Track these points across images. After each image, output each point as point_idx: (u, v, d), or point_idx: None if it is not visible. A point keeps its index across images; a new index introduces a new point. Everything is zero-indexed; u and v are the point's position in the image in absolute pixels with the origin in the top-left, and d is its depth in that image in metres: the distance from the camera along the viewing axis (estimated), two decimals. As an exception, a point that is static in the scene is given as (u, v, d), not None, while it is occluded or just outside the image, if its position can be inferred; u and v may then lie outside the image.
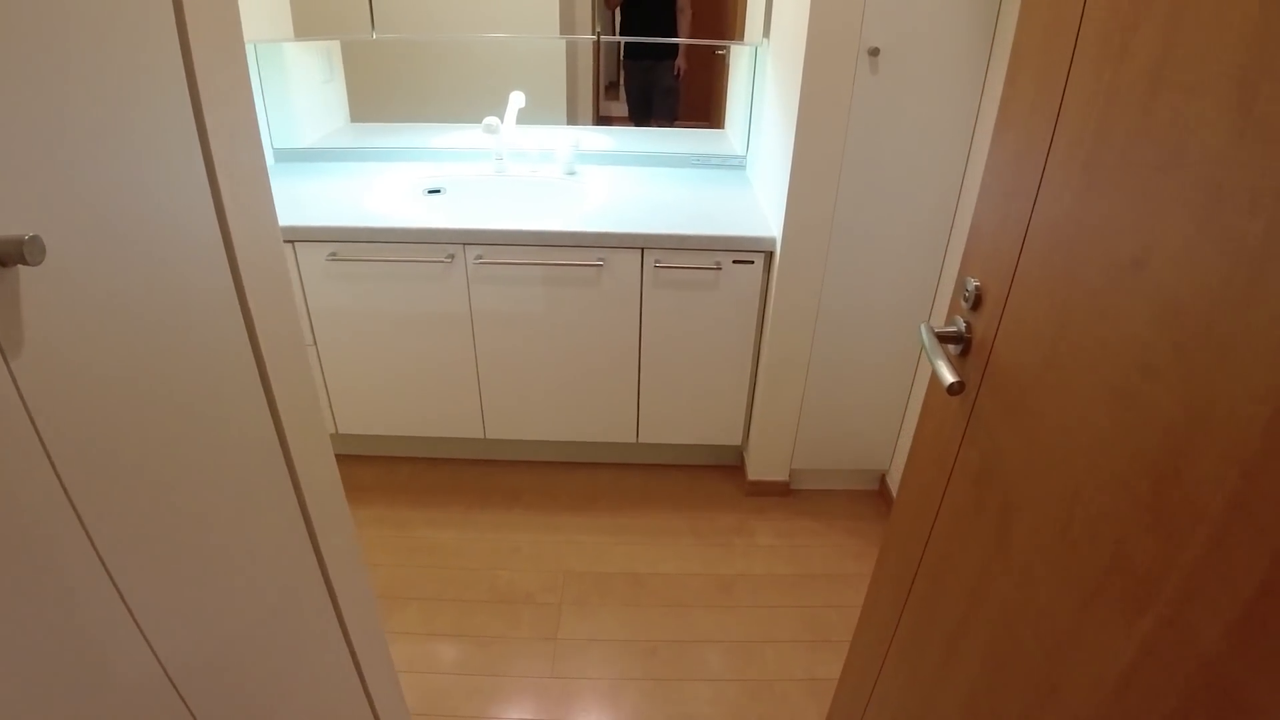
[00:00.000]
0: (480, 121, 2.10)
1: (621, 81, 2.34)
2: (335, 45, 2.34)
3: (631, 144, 2.27)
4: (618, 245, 1.76)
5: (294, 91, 2.26)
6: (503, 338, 1.96)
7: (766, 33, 1.87)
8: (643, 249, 1.80)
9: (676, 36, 2.21)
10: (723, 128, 2.36)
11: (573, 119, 2.32)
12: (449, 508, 2.07)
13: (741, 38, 2.05)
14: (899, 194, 1.64)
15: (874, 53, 1.48)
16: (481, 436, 2.12)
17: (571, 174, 2.16)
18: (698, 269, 1.78)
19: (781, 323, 1.80)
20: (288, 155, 2.32)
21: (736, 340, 1.90)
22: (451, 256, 1.85)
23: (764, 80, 1.95)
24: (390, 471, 2.20)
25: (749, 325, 1.87)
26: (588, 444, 2.19)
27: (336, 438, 2.25)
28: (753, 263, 1.78)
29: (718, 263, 1.78)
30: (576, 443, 2.17)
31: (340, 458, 0.98)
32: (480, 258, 1.84)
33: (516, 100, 2.17)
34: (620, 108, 2.38)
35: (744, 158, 2.21)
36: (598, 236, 1.74)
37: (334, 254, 1.88)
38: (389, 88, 2.31)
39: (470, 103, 2.20)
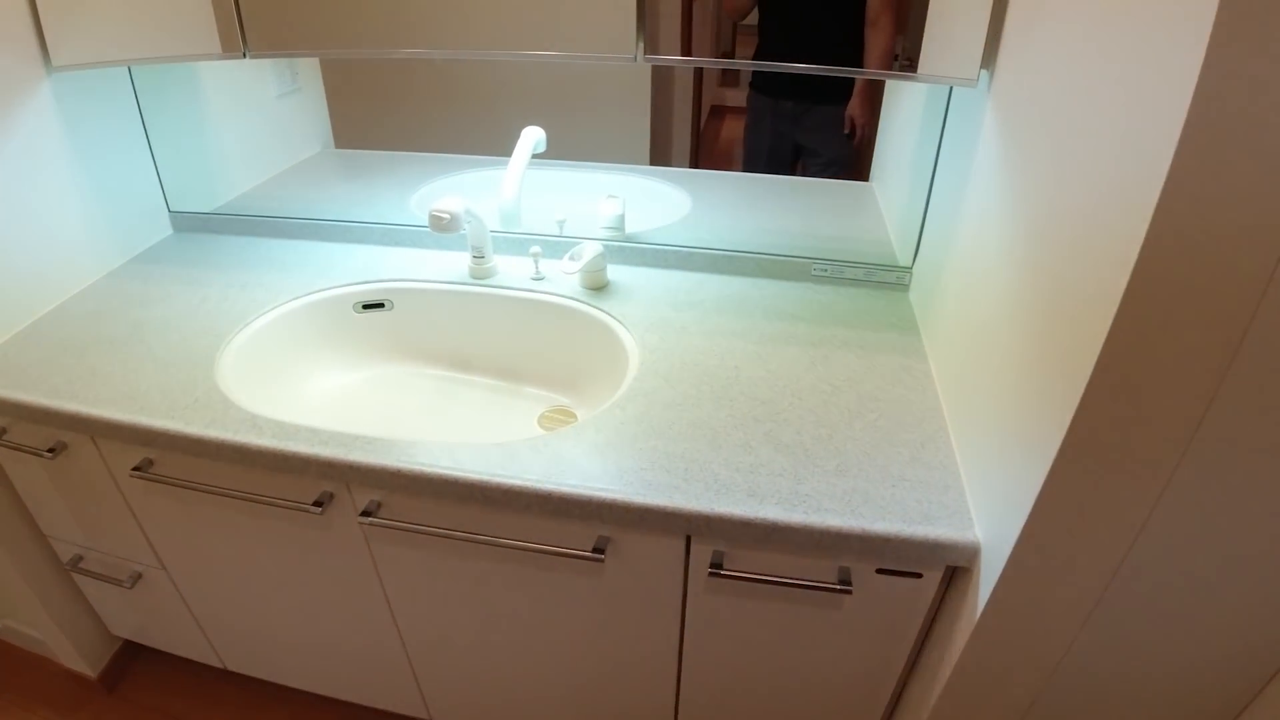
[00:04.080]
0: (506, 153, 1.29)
1: (751, 131, 1.30)
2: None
3: (709, 222, 1.35)
4: (635, 525, 0.89)
5: (220, 117, 1.48)
6: (436, 622, 1.15)
7: (989, 62, 0.90)
8: (687, 538, 0.92)
9: (856, 64, 1.01)
10: (865, 179, 1.38)
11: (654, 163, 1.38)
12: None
13: (920, 67, 1.05)
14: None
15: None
16: (428, 716, 1.35)
17: (598, 290, 1.28)
18: (797, 585, 0.89)
19: (970, 688, 0.88)
20: (192, 223, 1.55)
21: (862, 677, 1.01)
22: (321, 505, 1.03)
23: (967, 140, 0.99)
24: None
25: (893, 656, 0.97)
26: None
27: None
28: (919, 576, 0.87)
29: (842, 575, 0.89)
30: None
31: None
32: (373, 513, 1.02)
33: (530, 141, 1.30)
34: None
35: (908, 271, 1.25)
36: (596, 507, 0.88)
37: (140, 466, 1.10)
38: (383, 105, 1.45)
39: (496, 128, 1.34)
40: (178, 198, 1.54)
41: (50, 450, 1.12)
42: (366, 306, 1.35)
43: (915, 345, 1.11)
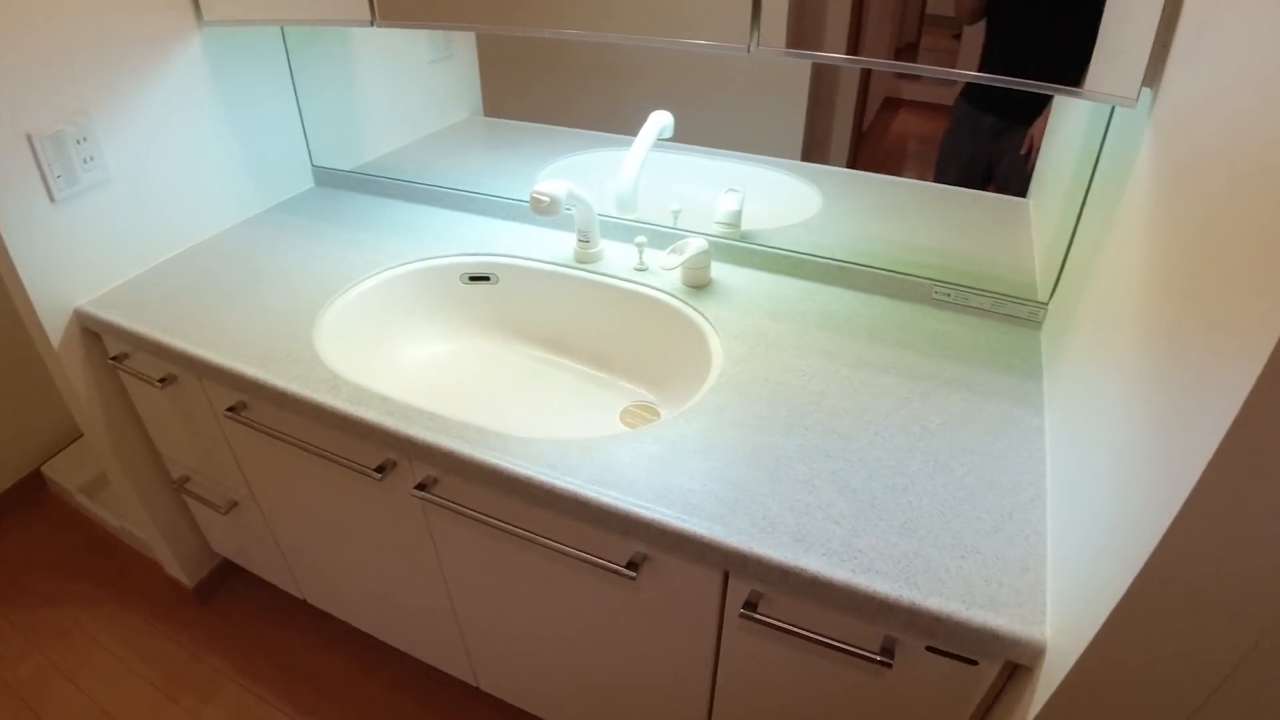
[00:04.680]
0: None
1: (949, 142, 1.15)
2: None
3: (834, 227, 1.24)
4: (671, 549, 0.84)
5: (370, 79, 1.54)
6: (485, 597, 1.15)
7: (1153, 79, 0.75)
8: (725, 574, 0.86)
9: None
10: (1023, 196, 1.22)
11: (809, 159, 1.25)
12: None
13: (1082, 83, 0.88)
14: None
15: None
16: (474, 684, 1.37)
17: (699, 288, 1.22)
18: (833, 646, 0.81)
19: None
20: (332, 179, 1.63)
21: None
22: (383, 471, 1.05)
23: (1121, 170, 0.84)
24: (365, 674, 1.54)
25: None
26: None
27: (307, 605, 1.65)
28: (974, 663, 0.77)
29: (886, 644, 0.80)
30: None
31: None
32: (428, 487, 1.02)
33: (655, 125, 1.26)
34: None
35: (1042, 307, 1.10)
36: (632, 523, 0.83)
37: (234, 408, 1.17)
38: (533, 77, 1.45)
39: (642, 109, 1.29)
40: (321, 154, 1.62)
41: (162, 380, 1.21)
42: (473, 278, 1.37)
43: (1034, 394, 0.97)
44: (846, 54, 0.93)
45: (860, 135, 1.21)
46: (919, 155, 1.17)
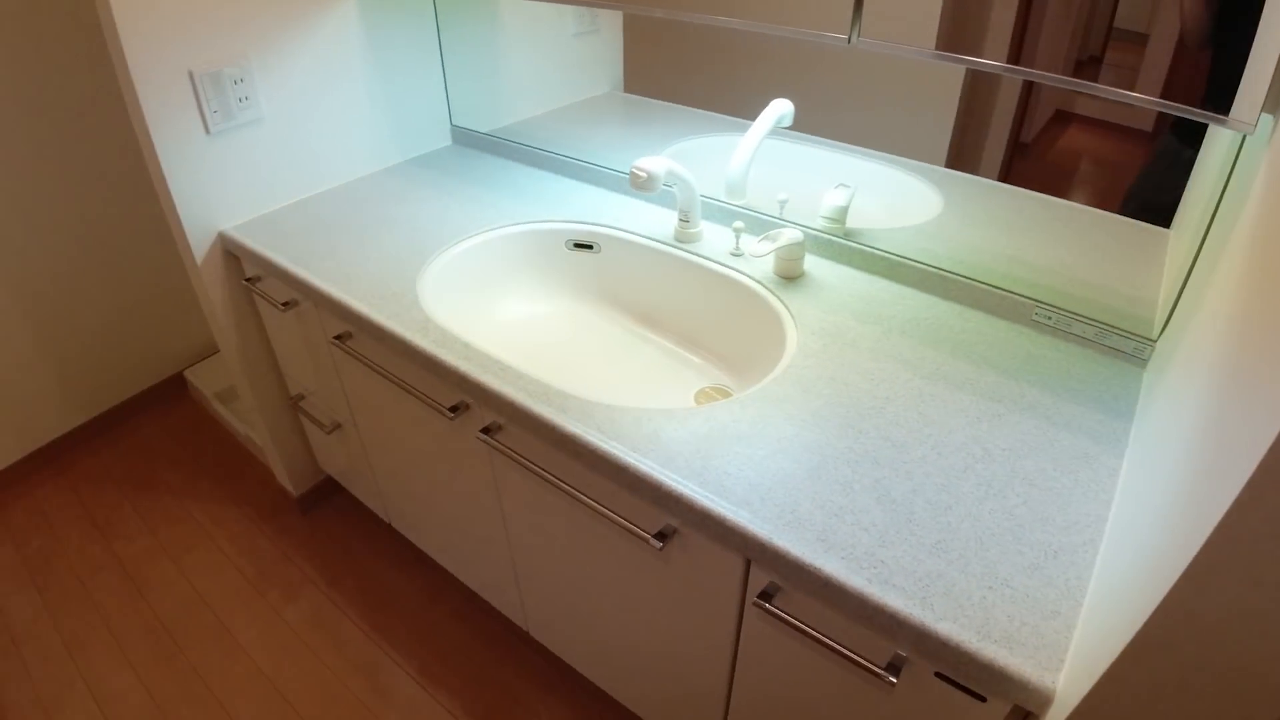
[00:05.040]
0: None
1: (1153, 176, 1.00)
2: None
3: (946, 235, 1.19)
4: (697, 526, 0.85)
5: (514, 46, 1.62)
6: (538, 545, 1.21)
7: (1276, 106, 0.68)
8: (746, 561, 0.86)
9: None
10: (1166, 227, 1.11)
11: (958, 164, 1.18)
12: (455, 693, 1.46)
13: (1227, 111, 0.78)
14: None
15: None
16: (524, 628, 1.44)
17: (791, 280, 1.21)
18: (839, 651, 0.79)
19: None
20: (469, 139, 1.73)
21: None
22: (456, 411, 1.11)
23: (1242, 197, 0.76)
24: (431, 601, 1.65)
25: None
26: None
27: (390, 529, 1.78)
28: (982, 700, 0.73)
29: (894, 661, 0.78)
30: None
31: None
32: (492, 432, 1.08)
33: (774, 114, 1.26)
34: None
35: (1150, 344, 1.01)
36: (663, 494, 0.85)
37: (340, 336, 1.27)
38: (675, 56, 1.47)
39: (777, 96, 1.28)
40: (461, 114, 1.71)
41: (285, 304, 1.33)
42: (577, 245, 1.42)
43: (1118, 434, 0.91)
44: (1008, 62, 0.89)
45: (1018, 147, 1.14)
46: (1091, 178, 1.07)
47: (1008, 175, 1.12)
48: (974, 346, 1.06)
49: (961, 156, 1.14)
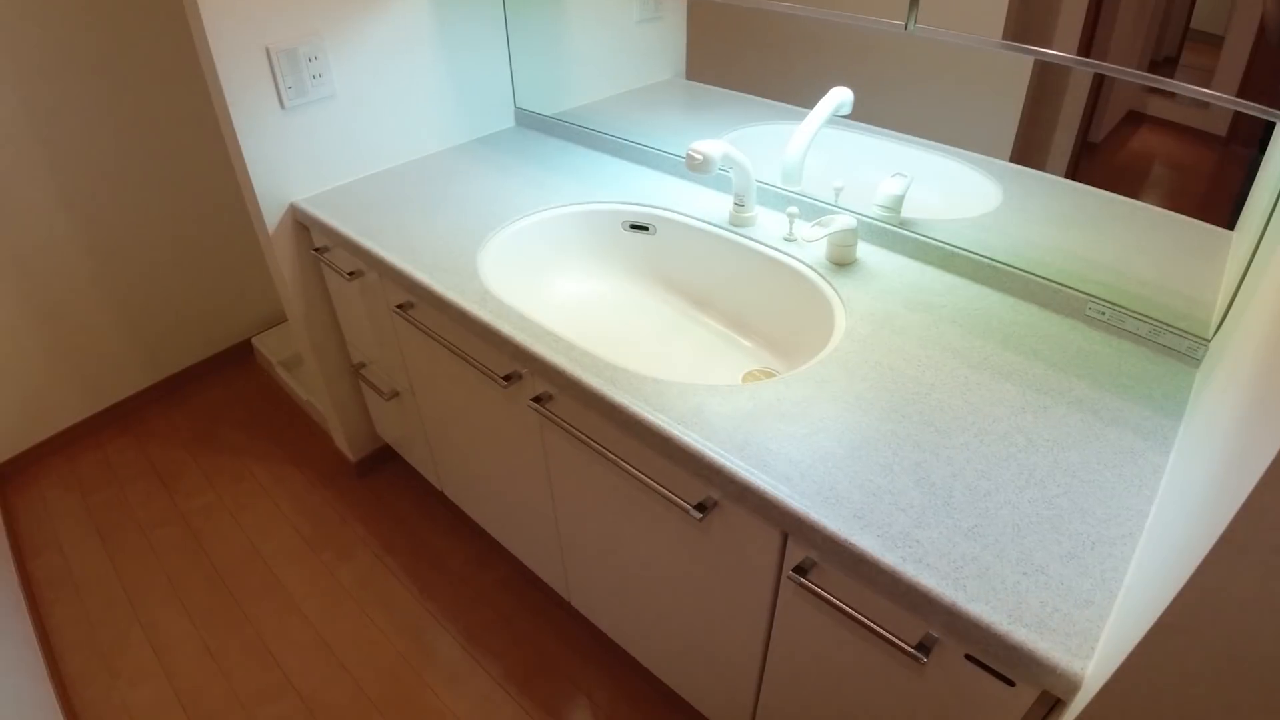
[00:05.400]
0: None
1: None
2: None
3: (1001, 228, 1.18)
4: (736, 499, 0.88)
5: (578, 31, 1.65)
6: (583, 514, 1.25)
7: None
8: (784, 535, 0.88)
9: None
10: (1229, 229, 1.08)
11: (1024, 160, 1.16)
12: (487, 661, 1.51)
13: None
14: None
15: None
16: (566, 598, 1.48)
17: (843, 266, 1.22)
18: (871, 629, 0.81)
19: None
20: (532, 121, 1.77)
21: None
22: (509, 380, 1.16)
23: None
24: (479, 568, 1.71)
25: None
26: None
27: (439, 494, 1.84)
28: (1011, 684, 0.74)
29: (924, 641, 0.79)
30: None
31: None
32: (543, 402, 1.12)
33: (832, 101, 1.27)
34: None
35: (1203, 343, 0.99)
36: (703, 465, 0.88)
37: (402, 306, 1.33)
38: (738, 45, 1.47)
39: (835, 85, 1.28)
40: (525, 97, 1.75)
41: (351, 274, 1.40)
42: (634, 226, 1.44)
43: (1166, 431, 0.90)
44: (1078, 55, 0.88)
45: (1086, 146, 1.11)
46: (1163, 181, 1.05)
47: (1074, 174, 1.11)
48: (1024, 339, 1.06)
49: (1027, 152, 1.13)
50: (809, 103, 1.29)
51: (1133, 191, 1.06)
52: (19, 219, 1.82)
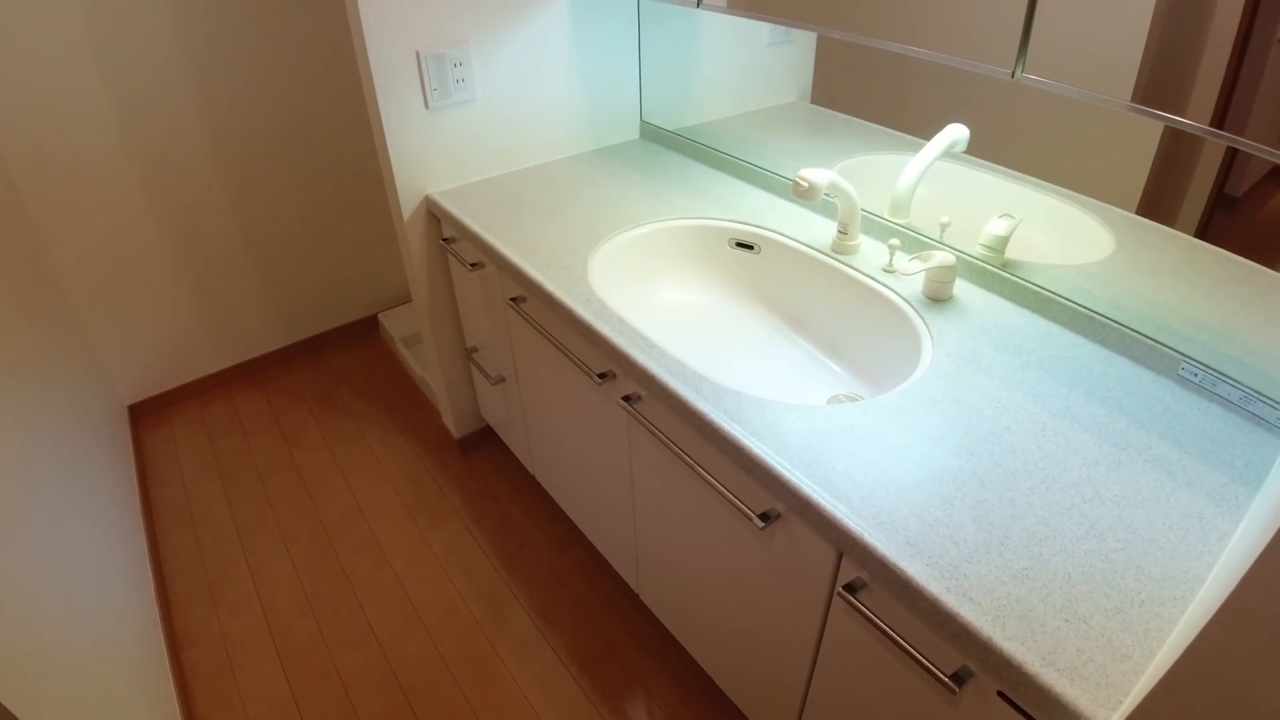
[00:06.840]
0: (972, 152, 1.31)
1: None
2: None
3: (1108, 279, 1.19)
4: (798, 512, 0.93)
5: (708, 50, 1.73)
6: (658, 511, 1.33)
7: None
8: (839, 553, 0.93)
9: None
10: None
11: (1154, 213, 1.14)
12: (547, 645, 1.62)
13: None
14: None
15: None
16: (635, 590, 1.57)
17: (939, 301, 1.25)
18: (908, 653, 0.85)
19: None
20: (655, 135, 1.87)
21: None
22: (604, 378, 1.25)
23: None
24: (557, 551, 1.82)
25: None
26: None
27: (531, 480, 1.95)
28: (1045, 722, 0.77)
29: (960, 673, 0.82)
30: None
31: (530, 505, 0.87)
32: (632, 401, 1.20)
33: (947, 138, 1.30)
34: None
35: (1302, 414, 0.98)
36: (770, 476, 0.94)
37: (516, 299, 1.45)
38: (866, 73, 1.47)
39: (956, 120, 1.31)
40: (651, 111, 1.85)
41: (473, 265, 1.53)
42: (739, 244, 1.52)
43: (1240, 500, 0.90)
44: (1211, 125, 0.88)
45: (1220, 201, 1.08)
46: None
47: (1207, 228, 1.08)
48: (1111, 391, 1.07)
49: (1157, 204, 1.12)
50: (927, 134, 1.33)
51: (1266, 253, 1.04)
52: (181, 179, 2.07)
